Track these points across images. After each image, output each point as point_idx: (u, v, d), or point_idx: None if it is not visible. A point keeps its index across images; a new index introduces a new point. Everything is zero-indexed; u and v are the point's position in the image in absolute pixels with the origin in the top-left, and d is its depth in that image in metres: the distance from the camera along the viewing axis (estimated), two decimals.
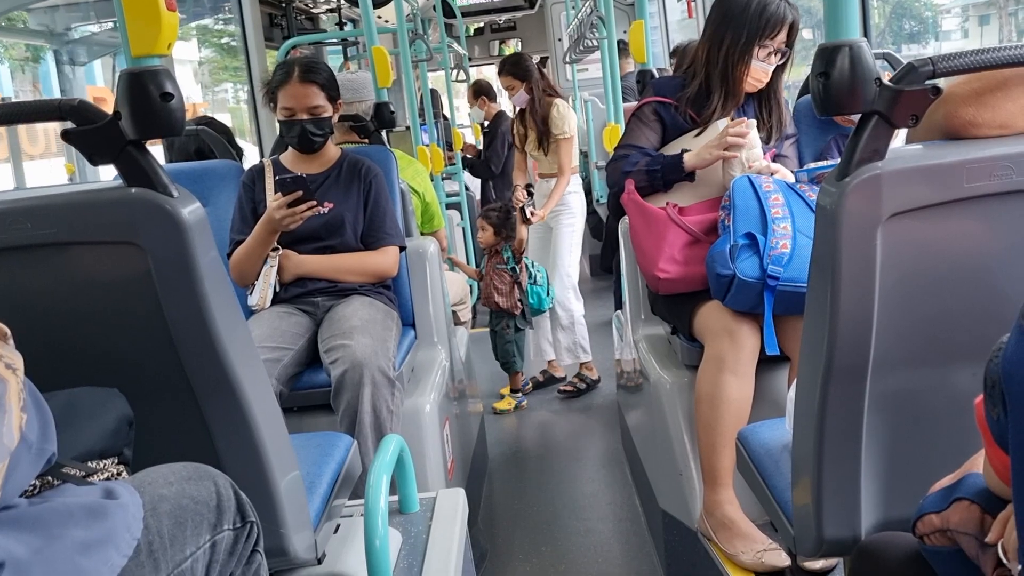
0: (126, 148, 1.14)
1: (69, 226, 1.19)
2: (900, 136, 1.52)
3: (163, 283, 1.20)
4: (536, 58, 4.47)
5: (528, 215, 4.17)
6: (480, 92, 6.50)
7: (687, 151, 2.32)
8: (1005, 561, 0.90)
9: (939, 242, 1.26)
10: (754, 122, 2.25)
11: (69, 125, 1.14)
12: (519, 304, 4.15)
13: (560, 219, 4.33)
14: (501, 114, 6.37)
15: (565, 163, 4.25)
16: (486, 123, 6.57)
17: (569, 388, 4.33)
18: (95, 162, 1.15)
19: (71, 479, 0.98)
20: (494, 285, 4.14)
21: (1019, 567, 0.83)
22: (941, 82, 1.18)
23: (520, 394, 4.30)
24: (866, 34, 2.95)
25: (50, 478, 0.95)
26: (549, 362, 4.47)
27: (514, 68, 4.32)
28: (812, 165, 2.30)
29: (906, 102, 1.16)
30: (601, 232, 5.80)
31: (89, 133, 1.13)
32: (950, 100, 1.26)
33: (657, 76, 3.00)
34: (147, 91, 1.12)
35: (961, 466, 1.08)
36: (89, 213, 1.19)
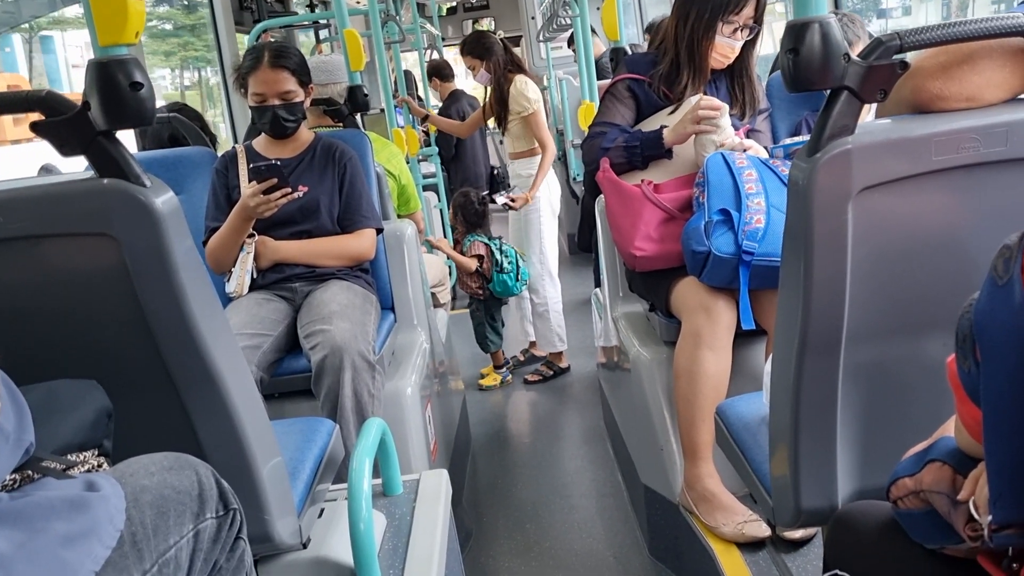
0: (96, 139, 1.13)
1: (41, 219, 1.18)
2: (871, 111, 1.54)
3: (138, 274, 1.19)
4: (501, 35, 4.41)
5: (509, 203, 4.14)
6: (431, 72, 6.40)
7: (665, 127, 2.33)
8: (976, 516, 0.93)
9: (909, 214, 1.28)
10: (726, 107, 2.25)
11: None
12: (481, 291, 4.15)
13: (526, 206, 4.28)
14: (455, 93, 6.27)
15: (544, 137, 4.17)
16: (439, 104, 6.50)
17: (537, 377, 4.30)
18: (65, 153, 1.14)
19: (51, 472, 0.98)
20: (465, 272, 4.16)
21: (988, 518, 0.85)
22: (908, 56, 1.20)
23: (504, 369, 4.32)
24: (837, 6, 2.97)
25: (30, 472, 0.95)
26: (531, 343, 4.48)
27: (473, 47, 4.24)
28: (787, 141, 2.31)
29: (874, 77, 1.17)
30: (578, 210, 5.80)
31: (58, 124, 1.12)
32: (918, 74, 1.27)
33: (631, 53, 3.00)
34: (116, 81, 1.11)
35: (934, 433, 1.10)
36: (61, 205, 1.18)
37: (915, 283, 1.32)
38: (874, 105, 1.24)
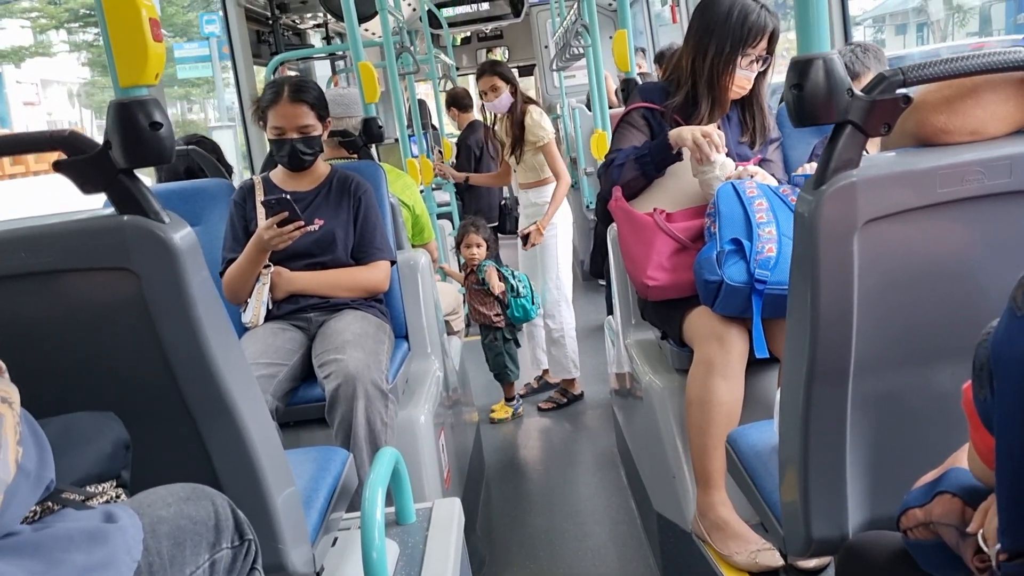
0: (117, 177, 1.16)
1: (63, 254, 1.21)
2: (876, 143, 1.55)
3: (156, 307, 1.22)
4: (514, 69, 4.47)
5: (530, 240, 4.16)
6: (449, 102, 6.44)
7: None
8: (984, 547, 0.93)
9: (915, 246, 1.29)
10: (720, 138, 2.25)
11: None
12: (498, 319, 4.15)
13: (545, 230, 4.30)
14: (473, 124, 6.32)
15: (559, 167, 4.20)
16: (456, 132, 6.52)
17: (551, 404, 4.31)
18: (87, 191, 1.17)
19: (70, 504, 1.00)
20: (478, 300, 4.17)
21: (997, 547, 0.86)
22: (911, 91, 1.22)
23: (516, 401, 4.32)
24: (847, 39, 2.99)
25: (50, 503, 0.97)
26: (545, 370, 4.48)
27: (504, 69, 4.27)
28: (808, 170, 2.32)
29: (878, 111, 1.19)
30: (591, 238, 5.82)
31: (80, 163, 1.15)
32: (922, 108, 1.29)
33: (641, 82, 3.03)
34: (136, 120, 1.14)
35: (944, 463, 1.11)
36: (82, 241, 1.21)
37: (922, 313, 1.33)
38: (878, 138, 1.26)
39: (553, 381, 4.44)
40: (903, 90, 1.20)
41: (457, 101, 6.40)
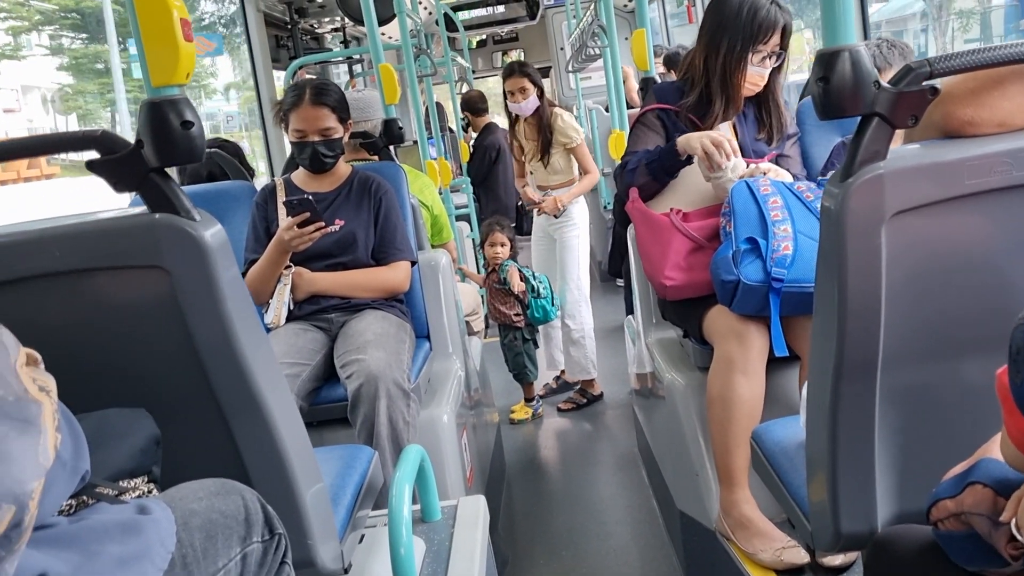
0: (149, 175, 1.17)
1: (96, 252, 1.23)
2: (899, 136, 1.54)
3: (187, 304, 1.23)
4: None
5: (538, 207, 4.19)
6: (464, 106, 6.41)
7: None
8: (1017, 535, 0.93)
9: (943, 238, 1.29)
10: (732, 147, 2.25)
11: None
12: (517, 319, 4.15)
13: (564, 231, 4.30)
14: (489, 126, 6.30)
15: (590, 165, 4.26)
16: (474, 135, 6.53)
17: (570, 405, 4.32)
18: (119, 190, 1.18)
19: (105, 498, 1.01)
20: (499, 300, 4.17)
21: None
22: (938, 82, 1.21)
23: (535, 401, 4.32)
24: (866, 35, 2.98)
25: (85, 497, 0.99)
26: (562, 371, 4.48)
27: (532, 71, 4.27)
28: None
29: (905, 103, 1.19)
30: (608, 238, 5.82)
31: (113, 162, 1.16)
32: (948, 100, 1.29)
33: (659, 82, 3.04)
34: (168, 120, 1.15)
35: (974, 454, 1.11)
36: (115, 239, 1.23)
37: (950, 306, 1.32)
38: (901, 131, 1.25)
39: (572, 381, 4.43)
40: (930, 82, 1.19)
41: (471, 105, 6.41)
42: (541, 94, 4.23)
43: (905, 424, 1.38)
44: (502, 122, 5.56)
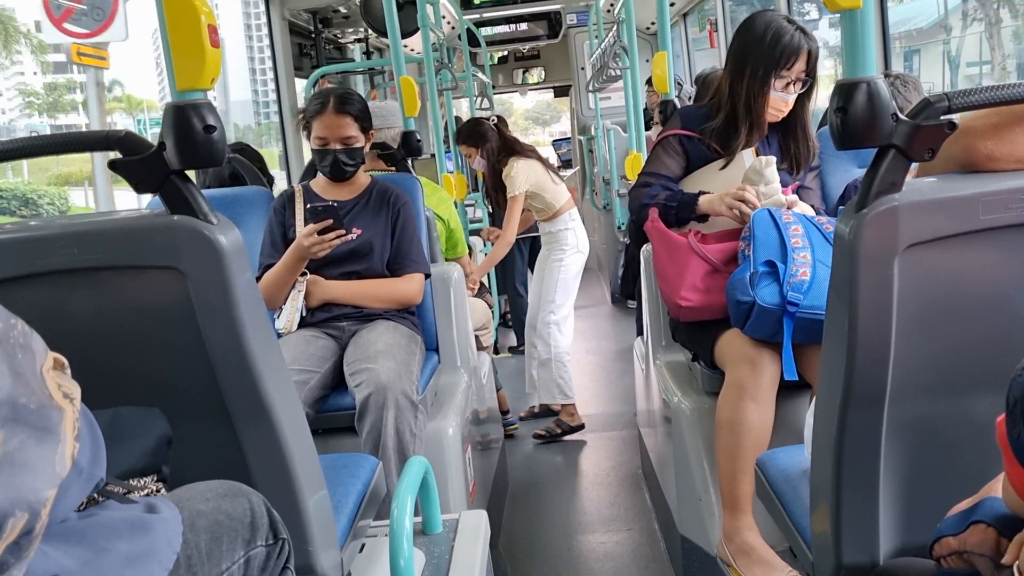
0: (170, 177, 1.19)
1: (114, 251, 1.24)
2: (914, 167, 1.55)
3: (202, 307, 1.24)
4: (494, 120, 4.49)
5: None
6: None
7: (704, 192, 2.36)
8: None
9: (956, 272, 1.29)
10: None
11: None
12: None
13: (550, 254, 4.24)
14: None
15: (510, 223, 4.13)
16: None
17: (544, 433, 4.17)
18: (140, 190, 1.20)
19: (114, 496, 1.02)
20: None
21: None
22: (956, 117, 1.22)
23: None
24: (887, 67, 2.99)
25: (95, 495, 1.00)
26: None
27: (467, 136, 4.33)
28: None
29: (922, 136, 1.19)
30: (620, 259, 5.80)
31: (135, 163, 1.18)
32: (969, 133, 1.29)
33: (680, 106, 3.05)
34: (191, 123, 1.17)
35: (979, 491, 1.10)
36: (133, 239, 1.24)
37: (962, 341, 1.32)
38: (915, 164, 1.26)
39: (555, 408, 4.29)
40: (947, 116, 1.20)
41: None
42: (487, 153, 4.25)
43: (911, 457, 1.37)
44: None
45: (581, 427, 4.19)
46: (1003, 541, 1.00)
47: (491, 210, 4.47)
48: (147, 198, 1.74)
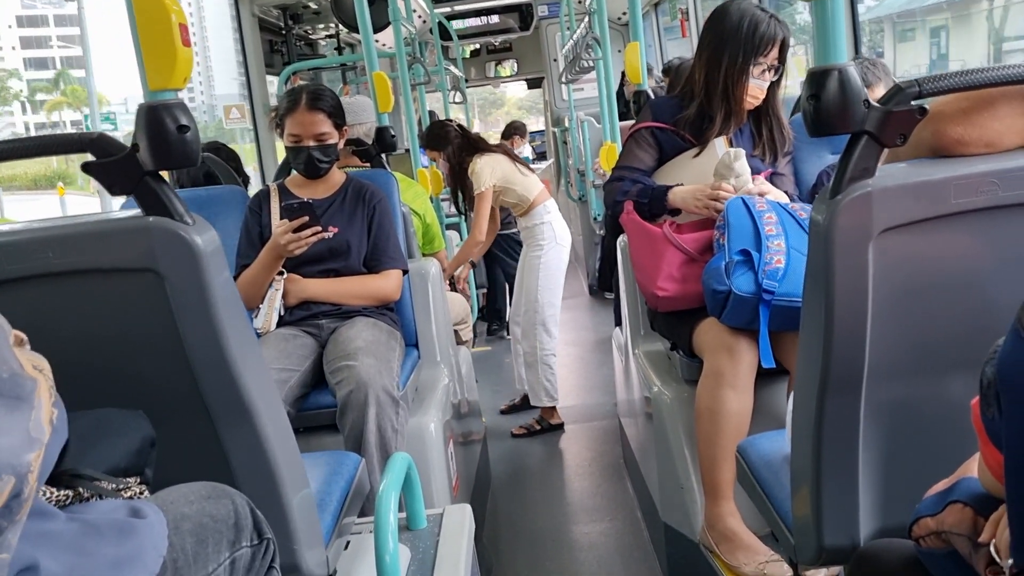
0: (144, 179, 1.18)
1: (90, 254, 1.23)
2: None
3: (180, 308, 1.24)
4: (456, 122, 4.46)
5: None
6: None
7: (678, 184, 2.37)
8: (997, 559, 0.94)
9: (929, 256, 1.30)
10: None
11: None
12: None
13: (528, 251, 4.20)
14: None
15: (478, 221, 4.08)
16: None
17: (523, 431, 4.17)
18: (114, 192, 1.19)
19: (104, 491, 1.01)
20: None
21: (1010, 562, 0.87)
22: (926, 102, 1.23)
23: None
24: (857, 53, 3.01)
25: (80, 490, 0.99)
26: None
27: (430, 140, 4.28)
28: None
29: (894, 122, 1.21)
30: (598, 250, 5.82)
31: (109, 165, 1.17)
32: (940, 118, 1.31)
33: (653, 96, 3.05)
34: (164, 124, 1.16)
35: (955, 471, 1.12)
36: (109, 242, 1.23)
37: (936, 323, 1.34)
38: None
39: (535, 404, 4.27)
40: (918, 101, 1.21)
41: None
42: (447, 156, 4.21)
43: (889, 439, 1.39)
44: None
45: (560, 427, 4.19)
46: (980, 520, 1.01)
47: (461, 211, 4.41)
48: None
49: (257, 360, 1.37)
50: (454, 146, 4.19)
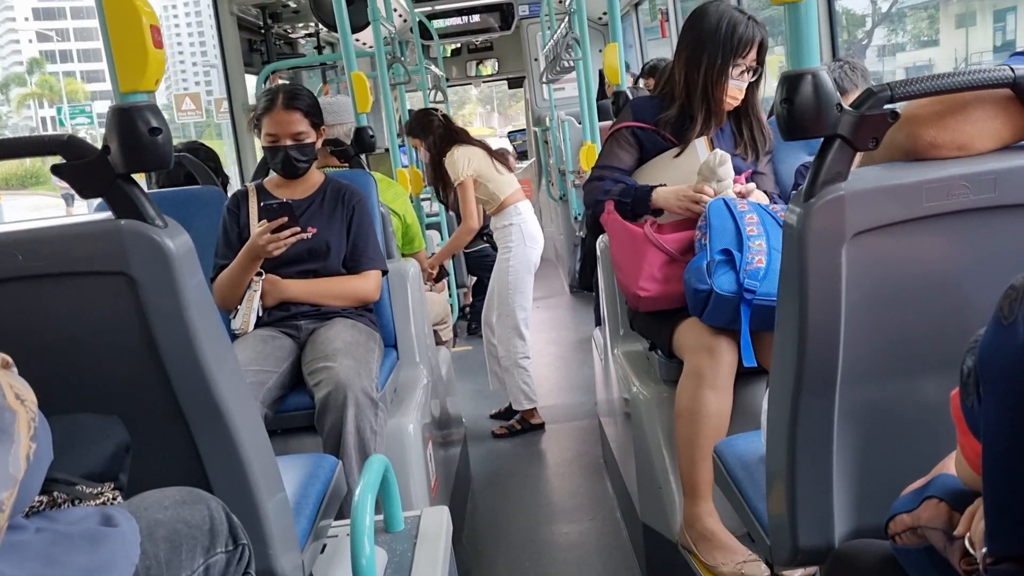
0: (115, 181, 1.17)
1: (60, 258, 1.22)
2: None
3: (152, 312, 1.23)
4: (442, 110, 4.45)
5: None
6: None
7: (661, 185, 2.38)
8: (971, 550, 0.95)
9: (902, 259, 1.31)
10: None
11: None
12: None
13: (499, 254, 4.19)
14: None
15: (467, 209, 4.11)
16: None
17: (503, 432, 4.18)
18: (85, 195, 1.18)
19: (82, 495, 1.00)
20: None
21: (983, 551, 0.88)
22: (898, 106, 1.24)
23: None
24: (835, 55, 3.03)
25: (55, 495, 0.98)
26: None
27: (413, 128, 4.31)
28: None
29: (867, 126, 1.21)
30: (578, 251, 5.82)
31: (79, 167, 1.16)
32: (912, 121, 1.32)
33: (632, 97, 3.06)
34: (135, 126, 1.15)
35: (931, 471, 1.13)
36: (80, 245, 1.22)
37: (909, 325, 1.35)
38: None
39: (516, 408, 4.26)
40: (890, 105, 1.22)
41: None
42: (428, 145, 4.24)
43: (863, 440, 1.40)
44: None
45: (541, 426, 4.20)
46: (955, 515, 1.02)
47: (441, 199, 4.48)
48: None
49: (231, 363, 1.36)
50: (435, 136, 4.22)
